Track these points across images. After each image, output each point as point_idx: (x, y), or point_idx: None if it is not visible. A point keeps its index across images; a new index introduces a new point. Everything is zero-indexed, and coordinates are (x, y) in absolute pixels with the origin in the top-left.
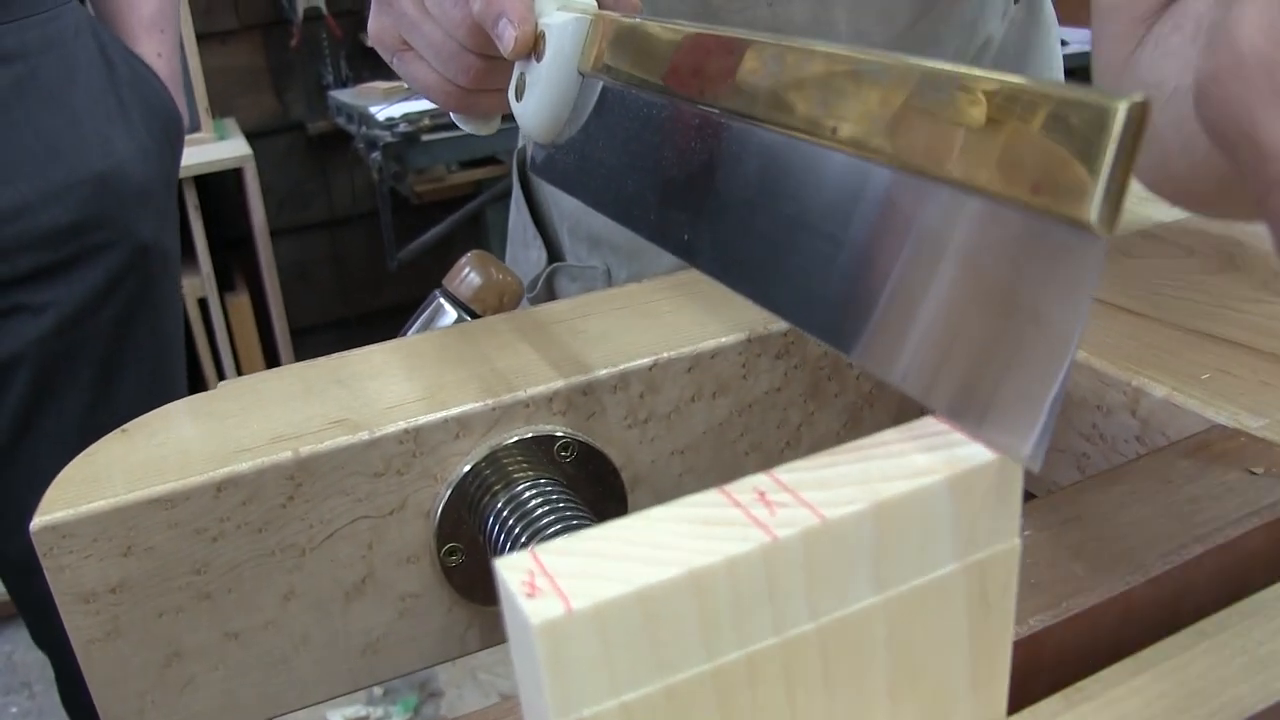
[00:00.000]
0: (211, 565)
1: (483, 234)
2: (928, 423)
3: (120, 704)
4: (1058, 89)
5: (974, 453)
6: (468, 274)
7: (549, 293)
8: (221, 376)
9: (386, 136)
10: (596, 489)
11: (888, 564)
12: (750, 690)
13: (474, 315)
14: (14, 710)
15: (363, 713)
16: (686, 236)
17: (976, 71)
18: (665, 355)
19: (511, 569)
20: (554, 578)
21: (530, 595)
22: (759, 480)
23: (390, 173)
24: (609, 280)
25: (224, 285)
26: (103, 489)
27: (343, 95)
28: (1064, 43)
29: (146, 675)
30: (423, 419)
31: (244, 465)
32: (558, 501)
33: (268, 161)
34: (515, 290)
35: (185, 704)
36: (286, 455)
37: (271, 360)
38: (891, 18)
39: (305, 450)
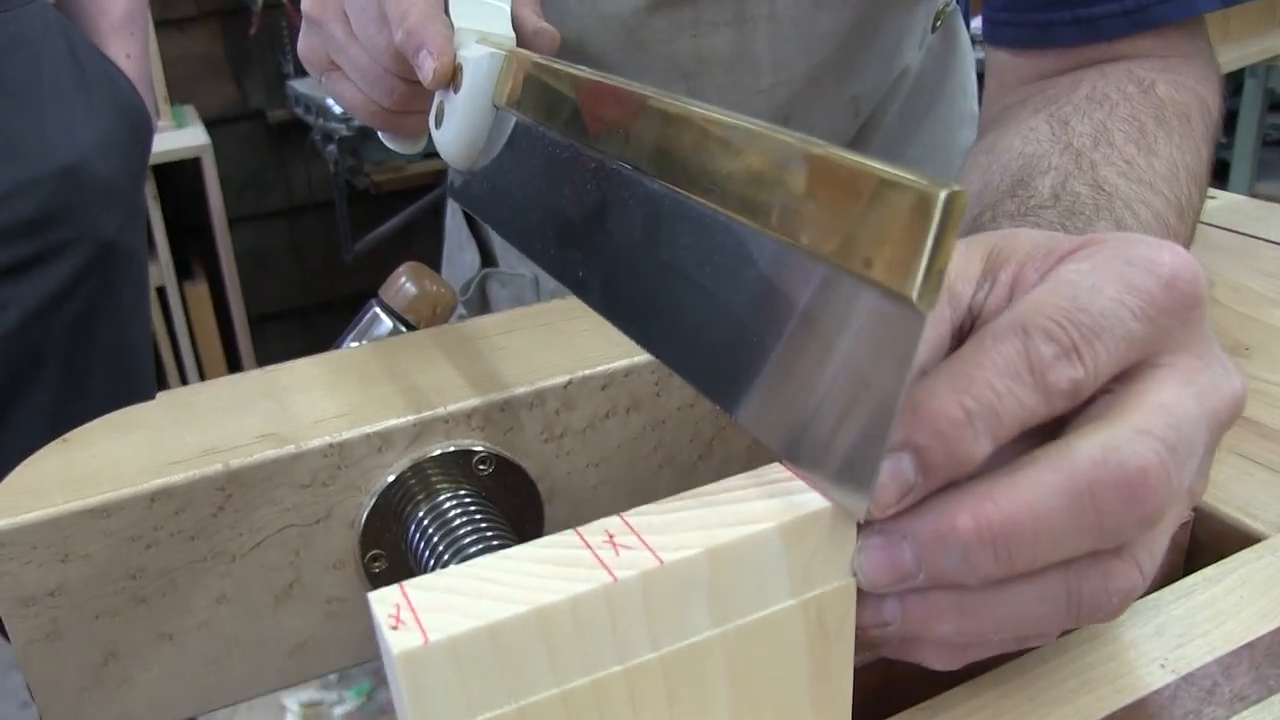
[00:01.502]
0: (146, 571)
1: (440, 226)
2: (773, 469)
3: (58, 701)
4: (890, 172)
5: (809, 500)
6: (403, 285)
7: (481, 296)
8: (180, 365)
9: (343, 130)
10: (515, 500)
11: (724, 601)
12: (597, 712)
13: (409, 325)
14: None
15: (318, 697)
16: (580, 274)
17: (825, 149)
18: (580, 374)
19: (381, 602)
20: (417, 611)
21: (394, 627)
22: (610, 522)
23: (346, 166)
24: (537, 288)
25: (182, 274)
26: (41, 499)
27: (301, 86)
28: None
29: (84, 674)
30: (347, 434)
31: (176, 477)
32: (475, 513)
33: (227, 149)
34: (449, 301)
35: (121, 701)
36: (217, 468)
37: (230, 349)
38: (811, 50)
39: (235, 463)
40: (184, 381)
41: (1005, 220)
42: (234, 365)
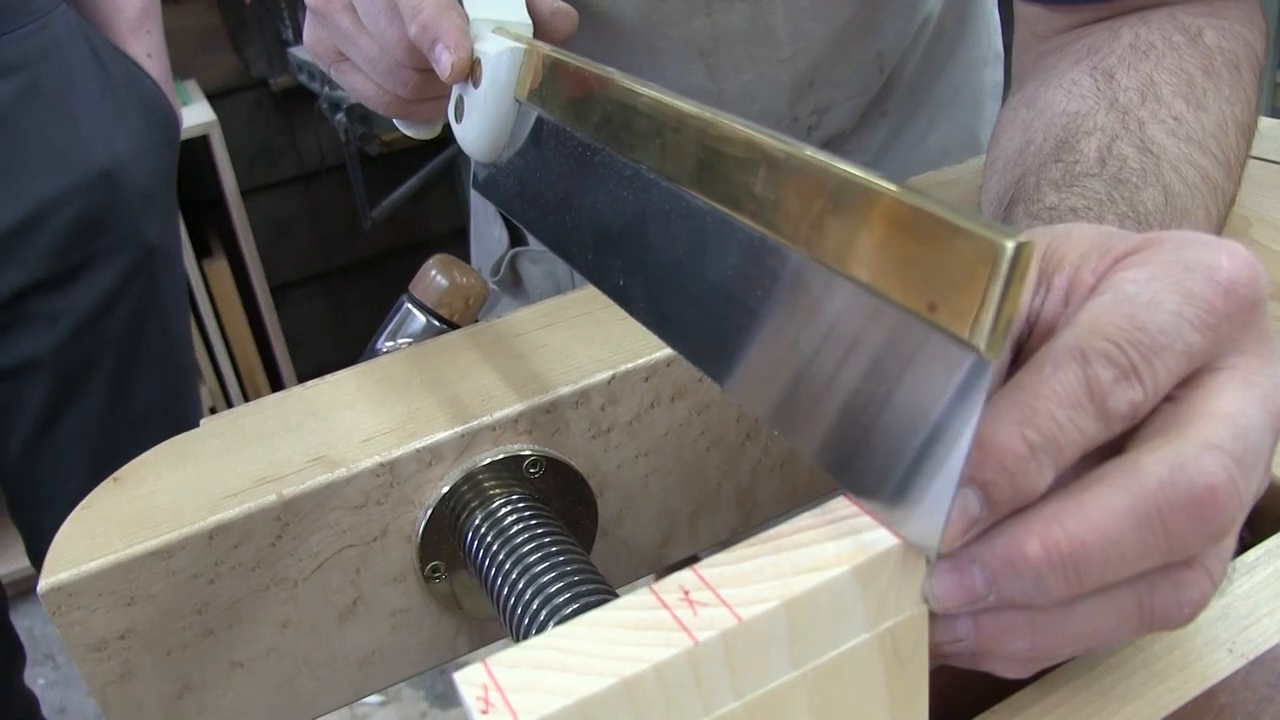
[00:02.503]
0: (211, 605)
1: (456, 183)
2: (839, 505)
3: None
4: (958, 219)
5: (879, 539)
6: (434, 279)
7: (513, 275)
8: (206, 344)
9: (350, 98)
10: (567, 498)
11: (802, 645)
12: None
13: (441, 319)
14: (41, 682)
15: None
16: (621, 283)
17: (888, 187)
18: (623, 368)
19: (468, 684)
20: (504, 692)
21: (484, 712)
22: (684, 578)
23: (356, 134)
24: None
25: (200, 251)
26: (101, 545)
27: (303, 52)
28: None
29: (161, 708)
30: (396, 451)
31: (233, 511)
32: (530, 517)
33: (232, 121)
34: (480, 291)
35: None
36: (272, 498)
37: (255, 322)
38: (829, 15)
39: (288, 492)
40: (212, 358)
41: (1049, 189)
42: (260, 337)
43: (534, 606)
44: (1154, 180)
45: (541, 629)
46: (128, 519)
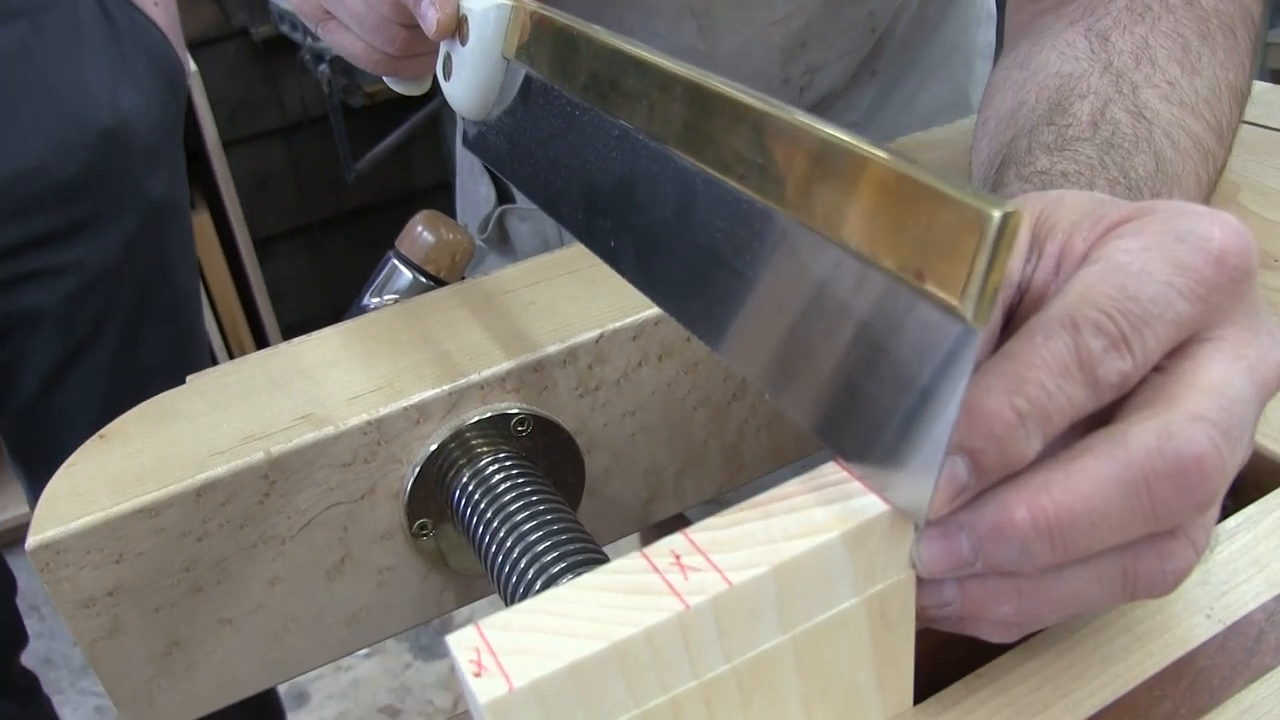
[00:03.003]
0: (199, 562)
1: (440, 136)
2: (828, 470)
3: (129, 692)
4: (946, 187)
5: (868, 504)
6: (420, 235)
7: (500, 232)
8: None
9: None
10: (554, 456)
11: (792, 609)
12: None
13: (428, 276)
14: (27, 633)
15: None
16: (611, 243)
17: (875, 151)
18: (610, 326)
19: (461, 647)
20: (497, 655)
21: (477, 674)
22: (675, 542)
23: (339, 86)
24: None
25: None
26: (88, 503)
27: (284, 1)
28: None
29: (150, 664)
30: (384, 409)
31: (220, 469)
32: (517, 475)
33: (213, 72)
34: (467, 248)
35: (189, 685)
36: (259, 456)
37: (238, 275)
38: None
39: (276, 449)
40: None
41: (1041, 152)
42: (243, 291)
43: (521, 565)
44: (1146, 146)
45: (529, 587)
46: (115, 477)
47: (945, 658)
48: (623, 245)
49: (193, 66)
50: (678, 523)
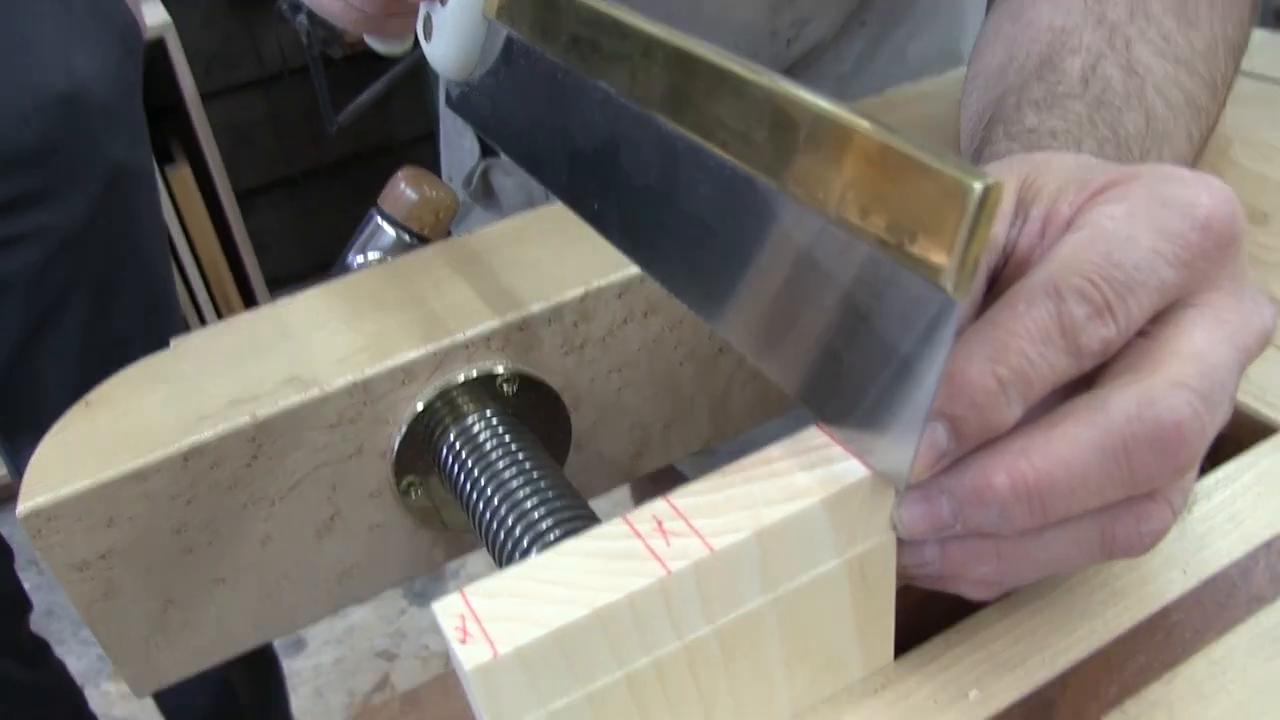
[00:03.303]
0: (189, 524)
1: (423, 87)
2: (810, 435)
3: (127, 650)
4: (927, 158)
5: (849, 469)
6: (403, 192)
7: (485, 186)
8: (174, 252)
9: None
10: (541, 413)
11: (773, 572)
12: (659, 683)
13: (411, 233)
14: (26, 586)
15: None
16: (596, 206)
17: (858, 122)
18: (596, 284)
19: (446, 614)
20: (482, 622)
21: (463, 641)
22: (658, 508)
23: (319, 37)
24: None
25: (162, 158)
26: (77, 469)
27: None
28: None
29: (146, 624)
30: (370, 370)
31: (207, 433)
32: (504, 433)
33: (187, 23)
34: (450, 204)
35: (185, 642)
36: (245, 420)
37: (221, 229)
38: None
39: (262, 413)
40: (180, 269)
41: (1030, 110)
42: (227, 244)
43: (509, 523)
44: (1137, 103)
45: (517, 545)
46: (102, 442)
47: (925, 613)
48: (606, 209)
49: (166, 18)
50: (667, 473)
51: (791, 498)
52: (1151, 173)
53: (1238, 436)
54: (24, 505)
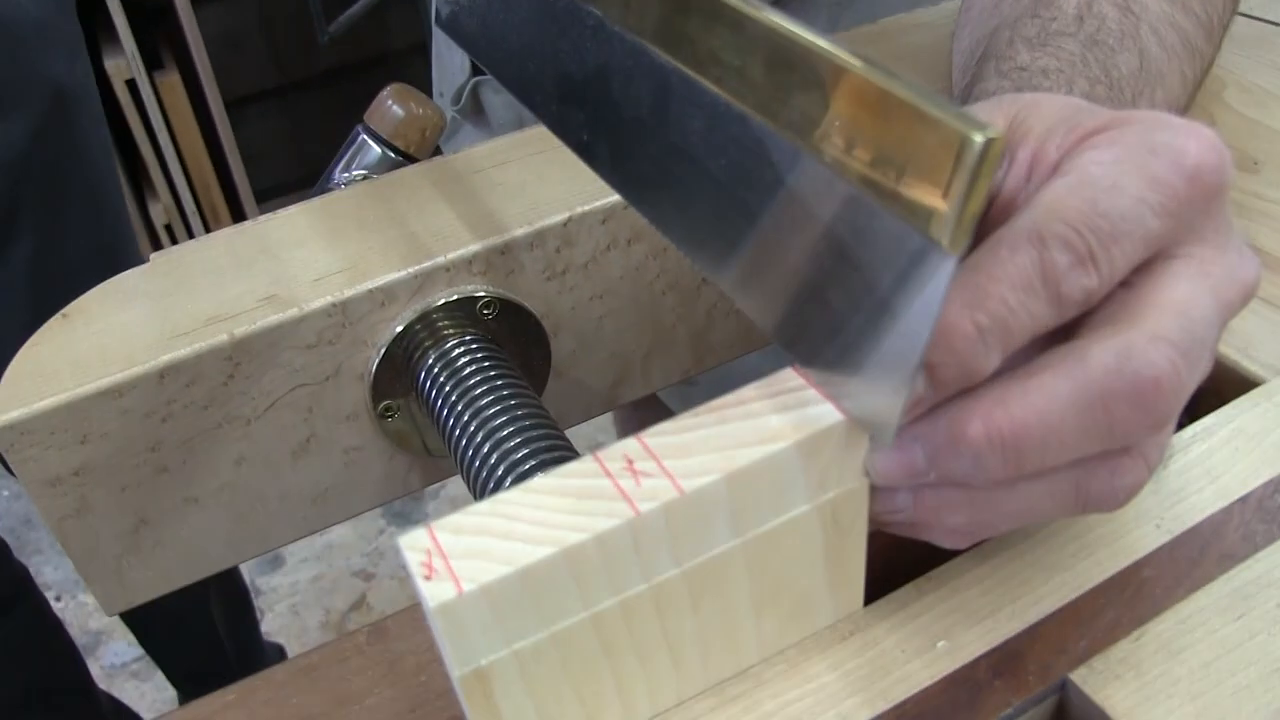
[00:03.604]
0: (164, 443)
1: None
2: (786, 377)
3: (98, 568)
4: (928, 107)
5: (823, 413)
6: (389, 109)
7: (475, 103)
8: (161, 160)
9: None
10: (521, 340)
11: (744, 515)
12: (626, 625)
13: (397, 151)
14: (5, 494)
15: None
16: (585, 137)
17: (858, 65)
18: (580, 209)
19: (412, 549)
20: (448, 558)
21: (428, 578)
22: (629, 446)
23: None
24: None
25: (151, 64)
26: (51, 384)
27: None
28: None
29: (119, 542)
30: (349, 291)
31: (183, 351)
32: (483, 359)
33: None
34: (437, 123)
35: (157, 561)
36: (223, 338)
37: (210, 138)
38: None
39: (240, 331)
40: (166, 175)
41: (1023, 47)
42: (215, 154)
43: (485, 451)
44: (1131, 43)
45: (491, 473)
46: (77, 357)
47: (895, 560)
48: (596, 140)
49: None
50: (651, 401)
51: (764, 440)
52: (1142, 118)
53: (1218, 389)
54: None
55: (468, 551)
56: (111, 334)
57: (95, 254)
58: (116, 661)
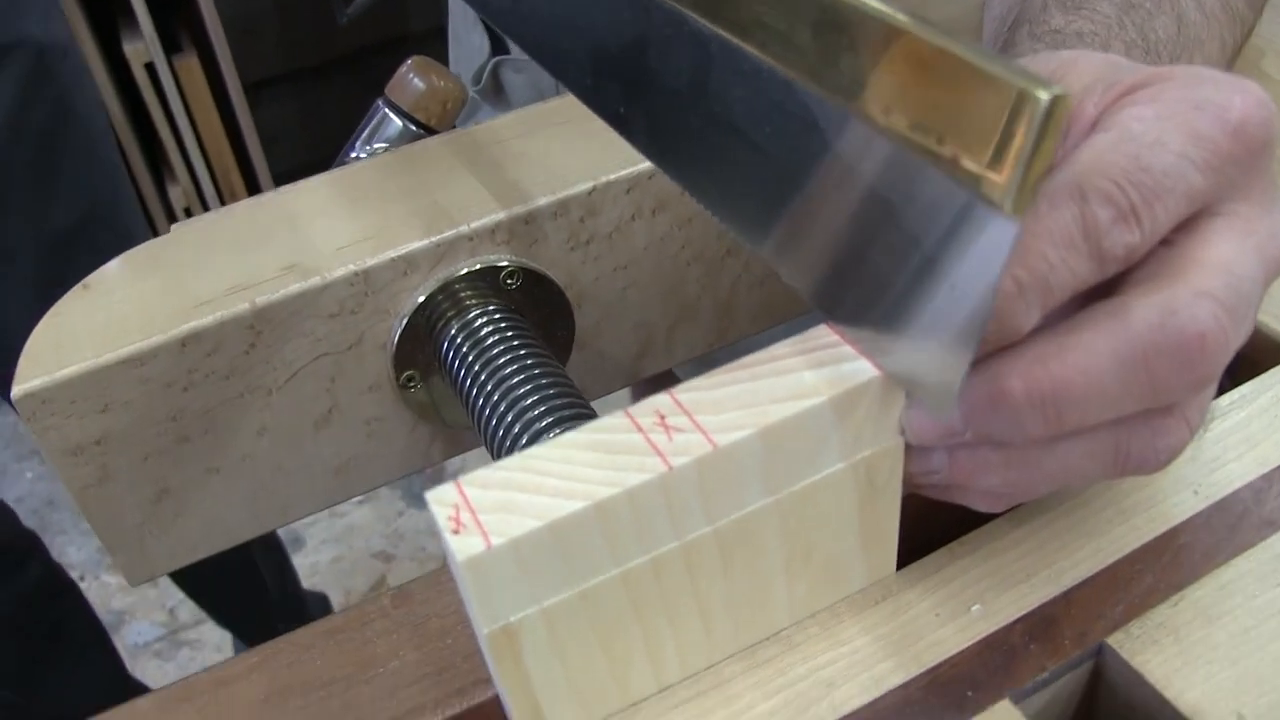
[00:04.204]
0: (186, 412)
1: None
2: (820, 333)
3: (121, 538)
4: (988, 65)
5: (858, 370)
6: (410, 82)
7: (495, 84)
8: (180, 143)
9: None
10: (544, 310)
11: (777, 473)
12: (656, 584)
13: (418, 123)
14: (29, 475)
15: None
16: (621, 110)
17: (907, 21)
18: (604, 179)
19: (440, 503)
20: (476, 512)
21: (456, 532)
22: (660, 401)
23: None
24: None
25: (169, 47)
26: (72, 353)
27: None
28: None
29: (140, 511)
30: (371, 260)
31: (205, 319)
32: (506, 328)
33: None
34: (458, 95)
35: (179, 531)
36: (244, 307)
37: (229, 121)
38: None
39: (261, 300)
40: (185, 158)
41: (1056, 10)
42: (234, 137)
43: (508, 419)
44: (1169, 6)
45: (515, 442)
46: (98, 327)
47: (928, 525)
48: (633, 113)
49: None
50: (667, 379)
51: (798, 396)
52: (1184, 73)
53: (1255, 357)
54: (19, 387)
55: (496, 505)
56: (132, 303)
57: (92, 210)
58: (140, 641)
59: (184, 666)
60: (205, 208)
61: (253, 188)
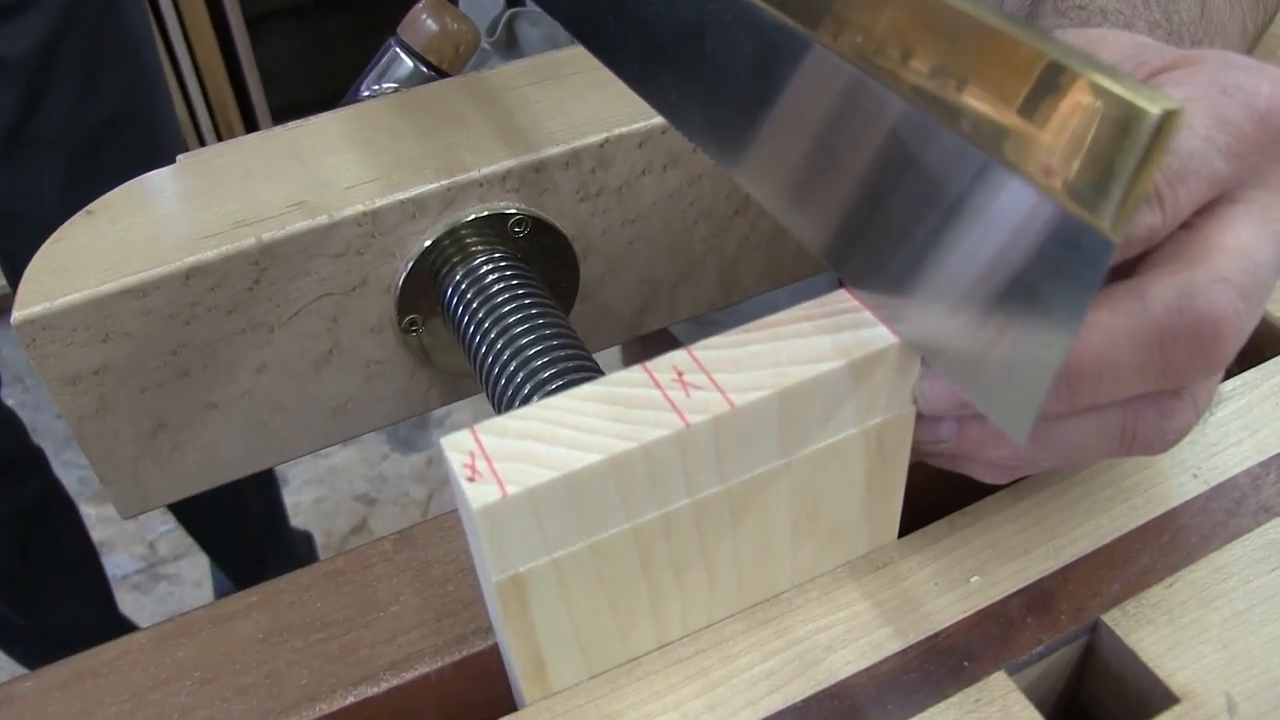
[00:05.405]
0: (186, 345)
1: None
2: (839, 297)
3: (115, 470)
4: (1093, 73)
5: (876, 335)
6: (424, 22)
7: (509, 36)
8: (178, 73)
9: None
10: (550, 260)
11: (791, 434)
12: (666, 540)
13: (429, 65)
14: (11, 403)
15: None
16: (673, 99)
17: (999, 20)
18: (617, 131)
19: (455, 449)
20: (491, 460)
21: (471, 479)
22: (679, 358)
23: None
24: None
25: None
26: (75, 280)
27: None
28: None
29: (136, 444)
30: (379, 201)
31: (210, 253)
32: (511, 277)
33: None
34: (471, 39)
35: (174, 466)
36: (250, 242)
37: (229, 54)
38: None
39: (267, 236)
40: (183, 89)
41: None
42: (233, 70)
43: (511, 368)
44: None
45: (518, 391)
46: (101, 255)
47: (933, 495)
48: (687, 103)
49: None
50: (662, 338)
51: (816, 359)
52: (1213, 58)
53: (1258, 344)
54: (18, 313)
55: (512, 454)
56: (136, 232)
57: (131, 118)
58: (118, 573)
59: (162, 600)
60: (201, 142)
61: (250, 122)
